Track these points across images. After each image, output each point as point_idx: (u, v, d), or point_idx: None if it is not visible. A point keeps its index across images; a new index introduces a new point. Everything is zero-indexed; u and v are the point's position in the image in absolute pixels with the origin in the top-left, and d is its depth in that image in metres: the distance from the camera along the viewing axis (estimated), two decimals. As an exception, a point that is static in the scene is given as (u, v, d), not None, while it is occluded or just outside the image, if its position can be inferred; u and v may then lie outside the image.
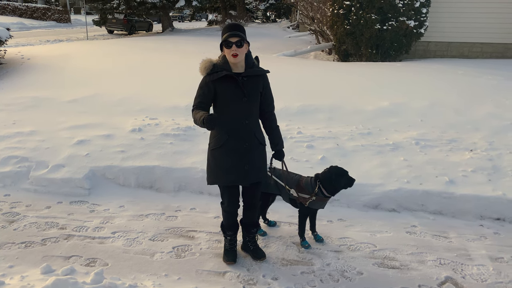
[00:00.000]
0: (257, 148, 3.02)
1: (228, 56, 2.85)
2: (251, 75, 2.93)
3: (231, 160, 2.95)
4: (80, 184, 4.43)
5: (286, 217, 3.99)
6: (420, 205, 4.18)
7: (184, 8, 25.57)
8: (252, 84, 2.93)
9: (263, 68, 3.01)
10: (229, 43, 2.81)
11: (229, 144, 2.94)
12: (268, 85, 3.05)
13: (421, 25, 10.37)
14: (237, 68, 2.91)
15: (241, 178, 2.99)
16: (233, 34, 2.80)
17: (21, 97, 6.95)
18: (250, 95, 2.91)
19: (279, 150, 3.18)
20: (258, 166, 3.05)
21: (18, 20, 27.31)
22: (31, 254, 3.30)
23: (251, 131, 2.98)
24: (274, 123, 3.15)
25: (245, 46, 2.85)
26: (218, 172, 3.00)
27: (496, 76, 8.05)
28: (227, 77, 2.86)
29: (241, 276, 3.08)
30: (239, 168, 2.96)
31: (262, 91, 3.00)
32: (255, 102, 2.97)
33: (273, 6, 33.50)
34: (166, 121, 5.80)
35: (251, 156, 2.99)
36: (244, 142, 2.95)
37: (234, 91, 2.87)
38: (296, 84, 7.30)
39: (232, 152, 2.95)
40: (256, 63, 3.01)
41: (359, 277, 3.12)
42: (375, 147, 5.07)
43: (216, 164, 3.01)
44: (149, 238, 3.59)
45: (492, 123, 5.77)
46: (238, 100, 2.89)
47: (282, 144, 3.19)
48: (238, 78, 2.87)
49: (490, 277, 3.14)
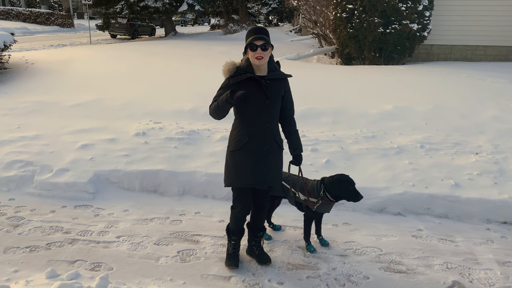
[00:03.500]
0: (276, 151, 3.02)
1: (252, 59, 2.85)
2: (274, 78, 2.93)
3: (250, 162, 2.94)
4: (85, 188, 4.43)
5: (291, 221, 3.97)
6: (426, 208, 4.15)
7: (187, 12, 25.61)
8: (274, 87, 2.93)
9: (284, 72, 3.00)
10: (254, 46, 2.80)
11: (249, 146, 2.93)
12: (289, 89, 3.05)
13: (424, 28, 10.38)
14: (260, 71, 2.90)
15: (260, 181, 2.98)
16: (259, 37, 2.80)
17: (25, 101, 6.97)
18: (273, 98, 2.91)
19: (298, 155, 3.16)
20: (276, 169, 3.05)
21: (22, 25, 27.48)
22: (35, 259, 3.29)
23: (271, 134, 2.97)
24: (293, 128, 3.13)
25: (269, 50, 2.85)
26: (237, 174, 2.99)
27: (500, 79, 8.03)
28: (251, 80, 2.86)
29: (247, 281, 3.06)
30: (258, 171, 2.95)
31: (283, 95, 3.00)
32: (276, 105, 2.96)
33: (275, 10, 33.56)
34: (170, 125, 5.80)
35: (270, 159, 2.99)
36: (264, 144, 2.95)
37: (257, 93, 2.86)
38: (300, 88, 7.26)
39: (252, 154, 2.94)
40: (277, 67, 3.01)
41: (365, 281, 3.09)
42: (380, 150, 5.05)
43: (235, 166, 2.99)
44: (154, 242, 3.57)
45: (497, 126, 5.74)
46: (260, 103, 2.88)
47: (301, 148, 3.17)
48: (262, 80, 2.87)
49: (498, 281, 3.11)
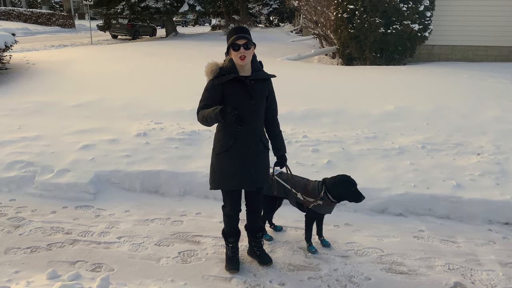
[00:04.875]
0: (262, 152, 3.01)
1: (236, 59, 2.82)
2: (259, 79, 2.92)
3: (237, 164, 2.92)
4: (85, 189, 4.43)
5: (292, 221, 3.96)
6: (427, 209, 4.14)
7: (188, 13, 25.64)
8: (259, 87, 2.91)
9: (267, 72, 2.98)
10: (237, 45, 2.78)
11: (235, 148, 2.91)
12: (273, 90, 3.05)
13: (426, 29, 10.36)
14: (244, 71, 2.89)
15: (247, 182, 2.97)
16: (240, 36, 2.78)
17: (26, 102, 6.98)
18: (258, 98, 2.89)
19: (282, 155, 3.17)
20: (263, 170, 3.03)
21: (23, 25, 27.51)
22: (36, 260, 3.29)
23: (257, 135, 2.96)
24: (277, 128, 3.14)
25: (252, 49, 2.83)
26: (224, 176, 2.97)
27: (501, 80, 8.01)
28: (235, 80, 2.83)
29: (248, 282, 3.05)
30: (245, 172, 2.94)
31: (267, 95, 2.99)
32: (261, 106, 2.95)
33: (276, 10, 33.58)
34: (171, 126, 5.80)
35: (257, 160, 2.97)
36: (250, 146, 2.93)
37: (242, 94, 2.85)
38: (301, 88, 7.29)
39: (238, 156, 2.92)
40: (260, 67, 3.00)
41: (367, 282, 3.08)
42: (381, 151, 5.04)
43: (221, 169, 2.97)
44: (155, 243, 3.57)
45: (498, 127, 5.73)
46: (246, 103, 2.86)
47: (285, 149, 3.19)
48: (246, 81, 2.85)
49: (500, 282, 3.10)
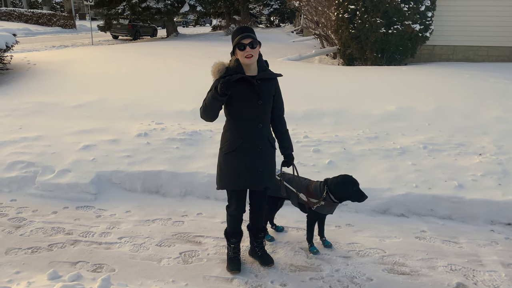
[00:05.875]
0: (269, 151, 3.00)
1: (242, 58, 2.80)
2: (265, 78, 2.90)
3: (245, 164, 2.91)
4: (86, 189, 4.42)
5: (294, 222, 3.95)
6: (429, 210, 4.12)
7: (188, 13, 25.66)
8: (266, 87, 2.90)
9: (274, 72, 2.97)
10: (242, 45, 2.76)
11: (243, 148, 2.90)
12: (279, 89, 3.03)
13: (427, 29, 10.35)
14: (251, 70, 2.87)
15: (255, 182, 2.96)
16: (246, 35, 2.77)
17: (27, 102, 6.98)
18: (265, 98, 2.88)
19: (289, 154, 3.15)
20: (270, 169, 3.03)
21: (24, 26, 27.51)
22: (37, 260, 3.28)
23: (265, 134, 2.95)
24: (284, 127, 3.12)
25: (258, 47, 2.81)
26: (231, 176, 2.95)
27: (502, 80, 8.00)
28: (242, 80, 2.81)
29: (249, 282, 3.04)
30: (253, 172, 2.93)
31: (274, 94, 2.97)
32: (268, 105, 2.94)
33: (277, 11, 33.56)
34: (172, 126, 5.79)
35: (264, 159, 2.97)
36: (258, 145, 2.92)
37: (249, 94, 2.83)
38: (302, 88, 7.28)
39: (246, 155, 2.91)
40: (267, 66, 2.98)
41: (368, 283, 3.07)
42: (383, 151, 5.03)
43: (229, 168, 2.95)
44: (156, 244, 3.56)
45: (500, 127, 5.71)
46: (253, 103, 2.85)
47: (292, 148, 3.16)
48: (253, 80, 2.83)
49: (502, 283, 3.08)
